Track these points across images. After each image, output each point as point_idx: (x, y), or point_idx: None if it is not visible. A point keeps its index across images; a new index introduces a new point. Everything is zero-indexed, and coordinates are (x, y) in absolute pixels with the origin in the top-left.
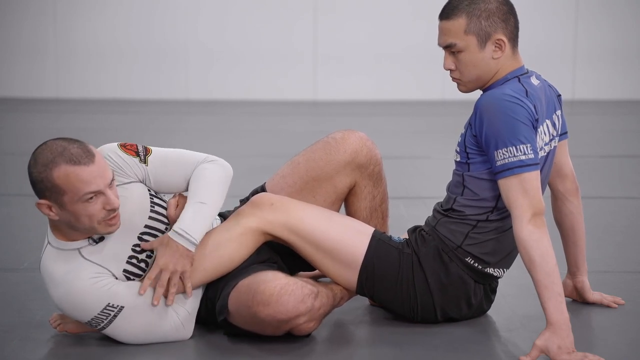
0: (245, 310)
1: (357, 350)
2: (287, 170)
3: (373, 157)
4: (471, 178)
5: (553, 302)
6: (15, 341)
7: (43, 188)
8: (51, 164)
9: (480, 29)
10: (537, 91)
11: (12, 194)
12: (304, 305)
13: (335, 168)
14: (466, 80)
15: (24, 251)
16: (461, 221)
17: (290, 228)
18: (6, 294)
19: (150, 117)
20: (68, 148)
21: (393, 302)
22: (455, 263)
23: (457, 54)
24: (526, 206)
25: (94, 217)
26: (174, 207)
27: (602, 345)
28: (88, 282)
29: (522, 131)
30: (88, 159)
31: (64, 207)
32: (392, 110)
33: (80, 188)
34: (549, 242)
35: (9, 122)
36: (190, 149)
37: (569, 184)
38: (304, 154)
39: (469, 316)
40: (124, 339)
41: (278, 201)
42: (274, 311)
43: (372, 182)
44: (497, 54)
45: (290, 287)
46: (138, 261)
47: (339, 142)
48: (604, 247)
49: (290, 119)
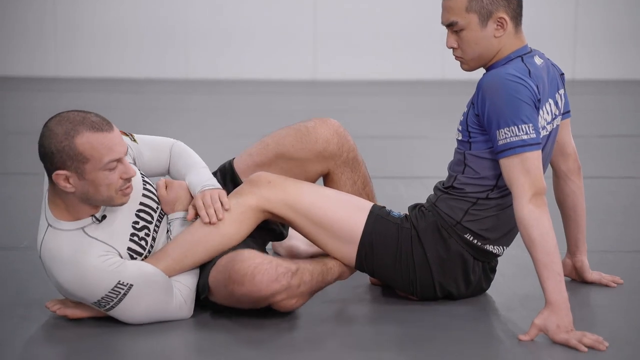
0: (222, 289)
1: (358, 328)
2: (255, 149)
3: (345, 145)
4: (472, 156)
5: (552, 282)
6: (14, 320)
7: (64, 157)
8: (73, 132)
9: (482, 7)
10: (540, 71)
11: (11, 173)
12: (278, 284)
13: (305, 156)
14: (468, 59)
15: (23, 230)
16: (461, 198)
17: (288, 205)
18: (5, 273)
19: (150, 97)
20: (87, 117)
21: (392, 277)
22: (454, 239)
23: (459, 32)
24: (527, 185)
25: (112, 186)
26: (163, 187)
27: (600, 324)
28: (98, 259)
29: (524, 111)
30: (109, 127)
31: (84, 177)
32: (392, 90)
33: (105, 154)
34: (550, 222)
35: (8, 101)
36: (190, 129)
37: (571, 163)
38: (273, 136)
39: (468, 294)
40: (130, 318)
41: (275, 179)
42: (248, 290)
43: (349, 168)
44: (499, 33)
45: (264, 267)
46: (139, 239)
47: (310, 131)
48: (604, 226)
49: (289, 98)
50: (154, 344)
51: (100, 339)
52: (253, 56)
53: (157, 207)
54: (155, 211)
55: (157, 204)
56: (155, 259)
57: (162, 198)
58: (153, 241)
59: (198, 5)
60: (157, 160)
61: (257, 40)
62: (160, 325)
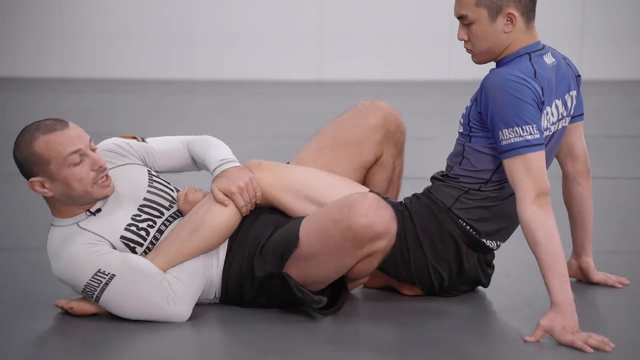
0: (333, 228)
1: (361, 328)
2: (313, 139)
3: (400, 126)
4: (471, 149)
5: (557, 283)
6: (21, 319)
7: (30, 164)
8: (30, 139)
9: (492, 2)
10: (548, 71)
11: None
12: (394, 225)
13: (364, 132)
14: (478, 52)
15: (29, 231)
16: (454, 186)
17: (281, 185)
18: (12, 273)
19: (156, 98)
20: (42, 123)
21: (388, 262)
22: (447, 222)
23: (469, 25)
24: (530, 186)
25: (84, 180)
26: (182, 199)
27: (607, 325)
28: (82, 246)
29: (527, 112)
30: (62, 125)
31: (54, 178)
32: (399, 91)
33: (62, 151)
34: (554, 223)
35: (14, 101)
36: (195, 130)
37: (579, 165)
38: (330, 122)
39: (463, 281)
40: (118, 310)
41: (266, 162)
42: (371, 221)
43: (397, 151)
44: (508, 28)
45: (384, 204)
46: (138, 229)
47: (369, 108)
48: (608, 227)
49: (295, 100)
50: (156, 344)
51: (107, 337)
52: (259, 57)
53: (169, 205)
54: (168, 209)
55: (170, 202)
56: (153, 251)
57: (182, 211)
58: (159, 233)
59: (203, 6)
60: (174, 152)
61: (263, 42)
62: (166, 327)
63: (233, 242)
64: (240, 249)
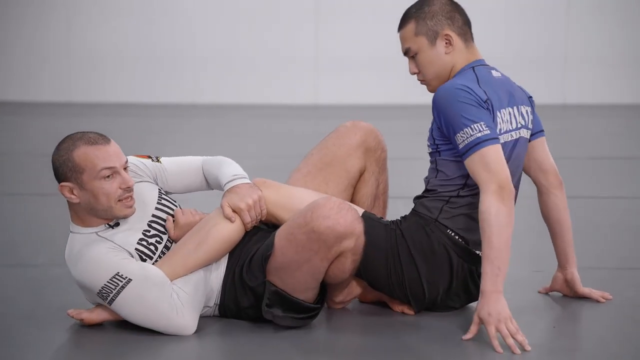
0: (298, 232)
1: (355, 340)
2: (302, 163)
3: (380, 143)
4: (442, 161)
5: (490, 274)
6: (33, 329)
7: (65, 170)
8: (72, 147)
9: (428, 29)
10: (493, 81)
11: (29, 194)
12: (359, 225)
13: (346, 151)
14: (429, 79)
15: (36, 248)
16: (435, 197)
17: (283, 204)
18: (24, 286)
19: (158, 121)
20: (86, 134)
21: (382, 279)
22: (437, 234)
23: (415, 57)
24: (488, 179)
25: (111, 196)
26: (171, 227)
27: (589, 338)
28: (104, 249)
29: (471, 111)
30: (104, 141)
31: (84, 187)
32: (394, 113)
33: (97, 164)
34: (509, 219)
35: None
36: (195, 151)
37: (551, 177)
38: (316, 145)
39: (456, 294)
40: (129, 314)
41: (270, 181)
42: (333, 222)
43: (379, 168)
44: (448, 49)
45: (346, 206)
46: (148, 244)
47: (349, 129)
48: (594, 244)
49: (292, 122)
50: (157, 356)
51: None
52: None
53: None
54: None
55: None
56: (161, 261)
57: (171, 236)
58: (166, 249)
59: (206, 33)
60: (185, 173)
61: (259, 66)
62: (169, 339)
63: (232, 254)
64: (238, 260)
